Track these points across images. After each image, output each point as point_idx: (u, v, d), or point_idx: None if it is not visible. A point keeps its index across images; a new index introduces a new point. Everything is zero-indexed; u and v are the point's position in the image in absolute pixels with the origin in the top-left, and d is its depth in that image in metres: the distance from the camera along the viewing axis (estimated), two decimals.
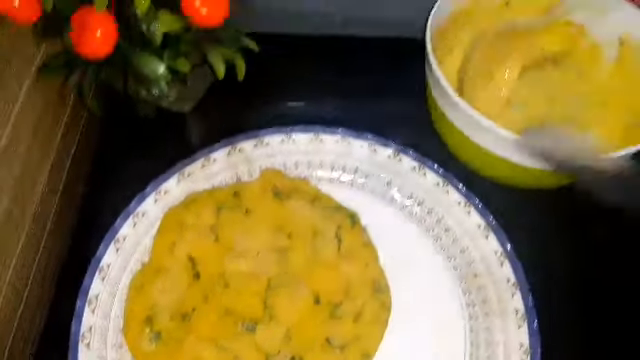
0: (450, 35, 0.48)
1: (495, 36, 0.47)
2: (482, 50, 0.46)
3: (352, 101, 0.52)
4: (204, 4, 0.35)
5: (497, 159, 0.42)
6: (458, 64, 0.48)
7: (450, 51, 0.48)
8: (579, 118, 0.47)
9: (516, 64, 0.46)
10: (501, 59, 0.46)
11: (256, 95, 0.49)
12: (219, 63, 0.35)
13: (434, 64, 0.41)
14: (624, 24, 0.47)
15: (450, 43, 0.48)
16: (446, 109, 0.43)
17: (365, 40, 0.54)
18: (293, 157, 0.49)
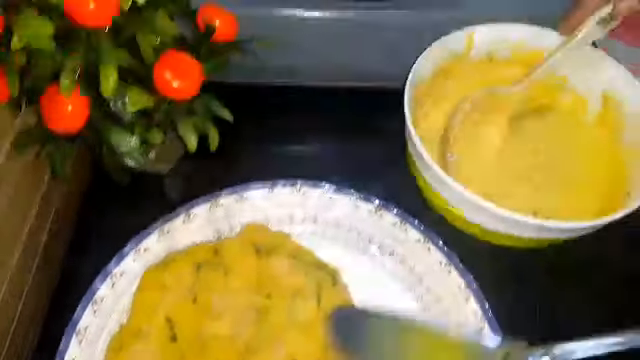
0: (433, 92, 0.48)
1: (479, 94, 0.47)
2: (465, 109, 0.46)
3: (335, 153, 0.52)
4: (177, 78, 0.35)
5: (471, 224, 0.42)
6: (441, 122, 0.48)
7: (433, 108, 0.48)
8: (564, 172, 0.46)
9: (501, 122, 0.46)
10: (485, 118, 0.46)
11: (238, 149, 0.49)
12: (190, 135, 0.35)
13: (411, 129, 0.41)
14: (607, 79, 0.46)
15: (432, 100, 0.48)
16: (422, 170, 0.43)
17: (349, 90, 0.54)
18: (275, 211, 0.48)
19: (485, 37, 0.48)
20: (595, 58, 0.46)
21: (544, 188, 0.45)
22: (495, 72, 0.50)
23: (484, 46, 0.49)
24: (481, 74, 0.50)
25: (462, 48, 0.49)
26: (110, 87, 0.30)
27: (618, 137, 0.46)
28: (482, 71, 0.50)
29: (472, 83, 0.49)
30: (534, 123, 0.49)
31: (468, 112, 0.45)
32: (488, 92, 0.46)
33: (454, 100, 0.49)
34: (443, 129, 0.47)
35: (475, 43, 0.49)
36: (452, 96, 0.49)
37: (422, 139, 0.41)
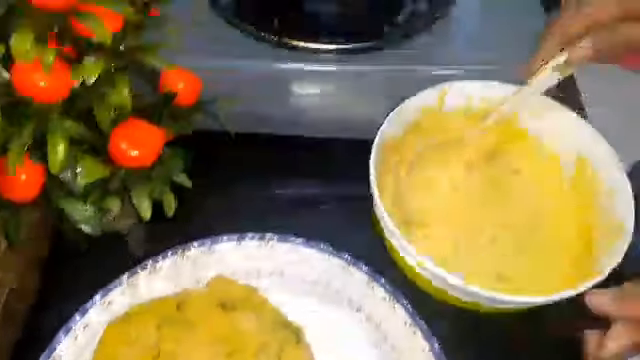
0: (405, 147, 0.48)
1: (428, 143, 0.46)
2: (422, 159, 0.46)
3: (306, 206, 0.51)
4: (134, 147, 0.35)
5: (437, 289, 0.41)
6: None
7: (399, 164, 0.48)
8: (531, 234, 0.46)
9: (458, 176, 0.46)
10: (439, 170, 0.46)
11: (206, 201, 0.49)
12: (143, 203, 0.35)
13: (375, 193, 0.41)
14: (582, 143, 0.46)
15: (401, 157, 0.47)
16: (387, 234, 0.42)
17: (325, 141, 0.54)
18: (243, 264, 0.48)
19: (458, 93, 0.48)
20: (570, 119, 0.46)
21: (510, 251, 0.44)
22: (469, 126, 0.50)
23: (457, 101, 0.49)
24: (455, 128, 0.49)
25: (435, 103, 0.48)
26: (58, 162, 0.30)
27: (589, 202, 0.45)
28: (456, 125, 0.49)
29: (445, 137, 0.49)
30: (501, 180, 0.48)
31: (414, 163, 0.45)
32: (439, 142, 0.46)
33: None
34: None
35: (447, 98, 0.48)
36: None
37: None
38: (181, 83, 0.40)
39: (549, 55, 0.42)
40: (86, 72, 0.30)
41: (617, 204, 0.42)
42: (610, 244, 0.41)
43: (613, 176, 0.44)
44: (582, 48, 0.40)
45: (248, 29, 0.52)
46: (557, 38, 0.42)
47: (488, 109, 0.48)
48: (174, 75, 0.39)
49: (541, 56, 0.43)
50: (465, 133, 0.46)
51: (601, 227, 0.43)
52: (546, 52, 0.43)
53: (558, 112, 0.47)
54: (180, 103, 0.40)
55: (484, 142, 0.47)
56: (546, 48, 0.43)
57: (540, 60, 0.43)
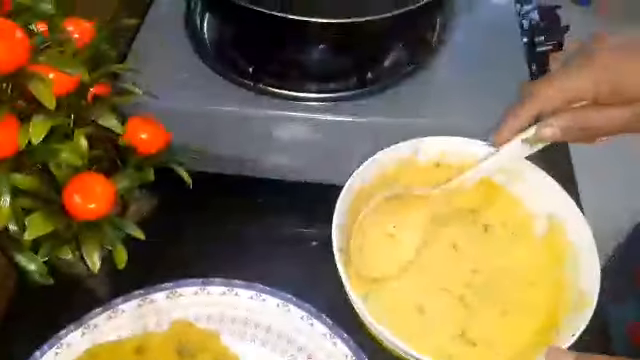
0: (373, 199, 0.47)
1: (389, 194, 0.46)
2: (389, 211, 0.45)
3: (275, 254, 0.51)
4: (87, 201, 0.35)
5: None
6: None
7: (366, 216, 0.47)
8: (500, 292, 0.45)
9: (420, 229, 0.45)
10: (405, 220, 0.45)
11: (170, 244, 0.49)
12: (93, 257, 0.35)
13: (336, 254, 0.40)
14: (553, 203, 0.45)
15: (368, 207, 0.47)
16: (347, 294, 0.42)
17: (293, 185, 0.54)
18: (206, 310, 0.48)
19: (431, 146, 0.48)
20: (544, 181, 0.45)
21: (476, 307, 0.43)
22: (442, 176, 0.49)
23: (430, 154, 0.48)
24: (427, 178, 0.49)
25: (408, 156, 0.48)
26: (3, 219, 0.31)
27: (560, 263, 0.44)
28: (428, 176, 0.49)
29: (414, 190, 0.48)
30: (471, 236, 0.48)
31: (381, 215, 0.44)
32: (401, 193, 0.45)
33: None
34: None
35: (421, 151, 0.48)
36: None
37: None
38: (144, 133, 0.40)
39: (516, 129, 0.42)
40: (34, 131, 0.30)
41: (584, 272, 0.41)
42: (575, 311, 0.40)
43: (583, 242, 0.43)
44: (550, 127, 0.40)
45: (228, 74, 0.52)
46: (528, 112, 0.41)
47: (462, 165, 0.47)
48: (137, 124, 0.40)
49: (509, 128, 0.42)
50: (434, 188, 0.46)
51: (568, 293, 0.42)
52: (514, 125, 0.42)
53: (532, 172, 0.46)
54: (143, 152, 0.40)
55: (455, 198, 0.47)
56: (515, 121, 0.42)
57: (508, 132, 0.42)
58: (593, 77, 0.39)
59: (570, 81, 0.40)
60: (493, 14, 0.59)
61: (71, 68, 0.31)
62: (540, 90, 0.41)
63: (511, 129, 0.42)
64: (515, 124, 0.42)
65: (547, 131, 0.40)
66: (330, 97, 0.51)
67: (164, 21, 0.58)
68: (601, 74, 0.39)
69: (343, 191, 0.44)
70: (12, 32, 0.29)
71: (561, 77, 0.40)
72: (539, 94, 0.41)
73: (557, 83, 0.40)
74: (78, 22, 0.37)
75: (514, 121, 0.42)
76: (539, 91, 0.41)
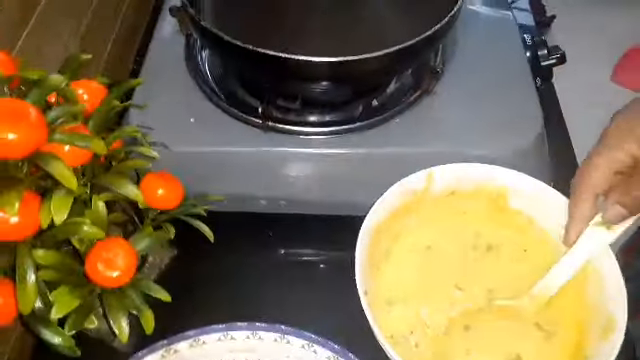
0: (393, 229, 0.47)
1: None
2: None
3: (293, 295, 0.51)
4: (110, 268, 0.34)
5: None
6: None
7: (394, 245, 0.47)
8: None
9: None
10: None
11: (190, 291, 0.49)
12: (121, 325, 0.34)
13: (360, 292, 0.40)
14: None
15: (392, 237, 0.47)
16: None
17: (307, 218, 0.53)
18: (230, 356, 0.47)
19: (445, 175, 0.47)
20: (557, 198, 0.45)
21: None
22: (458, 205, 0.49)
23: (445, 182, 0.48)
24: (443, 207, 0.48)
25: (422, 186, 0.47)
26: (28, 302, 0.30)
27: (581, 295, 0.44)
28: (444, 204, 0.48)
29: (434, 217, 0.48)
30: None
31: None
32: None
33: (417, 235, 0.48)
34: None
35: (435, 180, 0.47)
36: (415, 231, 0.48)
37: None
38: (161, 189, 0.39)
39: (581, 223, 0.41)
40: (55, 210, 0.29)
41: (609, 296, 0.41)
42: (602, 339, 0.40)
43: (607, 267, 0.42)
44: (610, 207, 0.39)
45: (235, 113, 0.51)
46: (586, 196, 0.40)
47: (478, 191, 0.47)
48: (153, 181, 0.39)
49: (577, 223, 0.41)
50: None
51: (593, 322, 0.42)
52: (578, 221, 0.41)
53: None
54: (161, 208, 0.40)
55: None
56: (576, 217, 0.41)
57: (577, 228, 0.41)
58: (626, 143, 0.39)
59: (607, 156, 0.39)
60: (495, 31, 0.59)
61: (87, 142, 0.30)
62: (583, 177, 0.40)
63: (577, 228, 0.41)
64: (578, 219, 0.41)
65: (610, 212, 0.39)
66: (338, 130, 0.51)
67: (164, 58, 0.57)
68: (627, 136, 0.39)
69: (360, 234, 0.43)
70: (27, 114, 0.28)
71: (598, 155, 0.40)
72: (583, 181, 0.40)
73: (595, 162, 0.40)
74: (87, 84, 0.37)
75: (576, 217, 0.41)
76: (583, 179, 0.40)
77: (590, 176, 0.40)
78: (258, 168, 0.51)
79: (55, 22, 0.51)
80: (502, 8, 0.63)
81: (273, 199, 0.53)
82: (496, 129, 0.51)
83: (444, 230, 0.49)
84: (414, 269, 0.47)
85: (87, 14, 0.56)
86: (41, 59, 0.48)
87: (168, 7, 0.54)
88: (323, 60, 0.45)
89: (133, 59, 0.68)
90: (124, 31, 0.66)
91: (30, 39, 0.46)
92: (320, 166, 0.51)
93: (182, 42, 0.58)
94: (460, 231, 0.49)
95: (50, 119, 0.30)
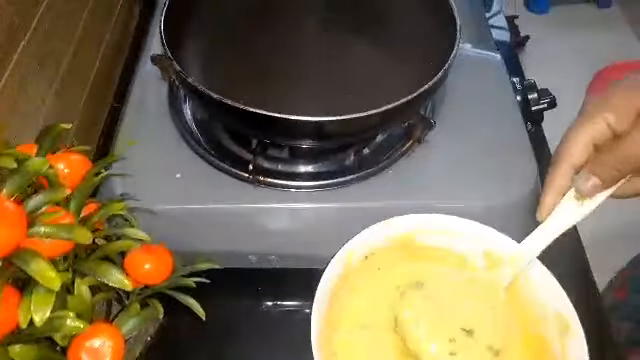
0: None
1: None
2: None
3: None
4: (97, 358, 0.32)
5: None
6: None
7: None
8: None
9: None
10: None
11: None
12: None
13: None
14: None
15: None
16: None
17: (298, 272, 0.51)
18: None
19: (405, 224, 0.45)
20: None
21: None
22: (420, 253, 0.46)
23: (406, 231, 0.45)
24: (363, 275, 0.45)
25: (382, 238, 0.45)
26: None
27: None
28: (362, 271, 0.45)
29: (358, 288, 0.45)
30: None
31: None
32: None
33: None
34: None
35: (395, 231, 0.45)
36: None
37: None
38: (147, 264, 0.37)
39: (558, 186, 0.40)
40: (36, 309, 0.27)
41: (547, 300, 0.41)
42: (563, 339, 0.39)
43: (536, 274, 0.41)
44: (586, 179, 0.38)
45: (221, 166, 0.49)
46: (560, 175, 0.39)
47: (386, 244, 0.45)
48: (140, 256, 0.37)
49: (550, 196, 0.40)
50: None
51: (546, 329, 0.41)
52: (554, 184, 0.40)
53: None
54: (148, 283, 0.37)
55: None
56: (554, 179, 0.40)
57: (551, 200, 0.40)
58: (602, 112, 0.38)
59: (583, 126, 0.38)
60: (483, 74, 0.59)
61: (70, 234, 0.28)
62: (561, 149, 0.39)
63: (553, 194, 0.40)
64: (552, 191, 0.40)
65: (585, 184, 0.38)
66: (331, 183, 0.49)
67: (146, 106, 0.55)
68: (603, 105, 0.38)
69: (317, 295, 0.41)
70: (4, 211, 0.26)
71: (575, 127, 0.39)
72: (561, 152, 0.39)
73: (572, 133, 0.39)
74: (67, 157, 0.34)
75: (549, 188, 0.40)
76: (561, 150, 0.39)
77: (568, 146, 0.39)
78: (248, 224, 0.49)
79: (31, 74, 0.48)
80: (488, 49, 0.62)
81: (263, 255, 0.51)
82: (490, 181, 0.50)
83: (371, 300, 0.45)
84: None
85: (63, 63, 0.54)
86: (17, 115, 0.45)
87: (149, 55, 0.52)
88: (312, 120, 0.43)
89: (110, 105, 0.66)
90: (100, 77, 0.63)
91: (5, 93, 0.44)
92: (313, 220, 0.50)
93: (164, 88, 0.56)
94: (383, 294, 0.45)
95: (30, 209, 0.28)
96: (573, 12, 1.97)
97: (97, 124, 0.63)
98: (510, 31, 0.91)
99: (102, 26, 0.65)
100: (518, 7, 2.00)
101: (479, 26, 0.64)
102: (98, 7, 0.62)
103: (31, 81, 0.48)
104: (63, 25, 0.54)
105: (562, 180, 0.39)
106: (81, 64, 0.59)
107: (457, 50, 0.48)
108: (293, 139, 0.47)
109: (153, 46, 0.61)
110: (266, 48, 0.55)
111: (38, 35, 0.48)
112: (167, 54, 0.46)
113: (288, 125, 0.43)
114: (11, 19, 0.45)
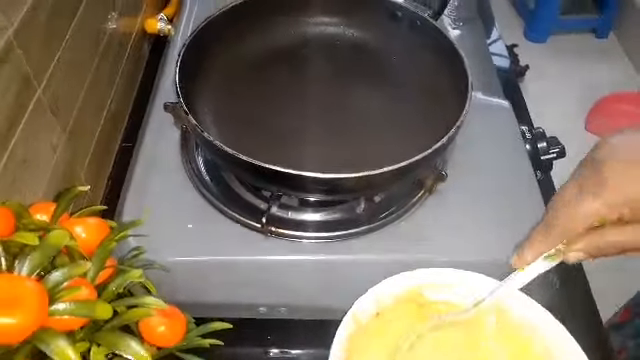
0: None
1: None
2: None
3: None
4: None
5: None
6: None
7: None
8: None
9: None
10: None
11: None
12: None
13: None
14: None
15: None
16: None
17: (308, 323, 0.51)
18: None
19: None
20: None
21: None
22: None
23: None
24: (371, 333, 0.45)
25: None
26: None
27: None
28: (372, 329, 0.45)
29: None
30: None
31: None
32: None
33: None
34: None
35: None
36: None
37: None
38: (162, 327, 0.36)
39: (543, 251, 0.42)
40: None
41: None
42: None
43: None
44: (575, 252, 0.40)
45: (235, 217, 0.49)
46: (554, 236, 0.41)
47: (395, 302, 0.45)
48: (154, 319, 0.36)
49: (535, 250, 0.42)
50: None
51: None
52: (541, 248, 0.42)
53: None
54: (161, 346, 0.37)
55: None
56: (542, 244, 0.42)
57: (531, 257, 0.42)
58: (610, 202, 0.38)
59: (586, 209, 0.39)
60: (493, 122, 0.59)
61: (91, 311, 0.27)
62: (560, 221, 0.40)
63: (535, 254, 0.42)
64: (539, 250, 0.42)
65: (572, 256, 0.40)
66: (342, 235, 0.49)
67: (158, 153, 0.55)
68: (617, 197, 0.38)
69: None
70: (26, 294, 0.25)
71: (578, 206, 0.39)
72: (559, 225, 0.40)
73: (574, 213, 0.39)
74: (84, 221, 0.34)
75: (537, 246, 0.42)
76: (559, 222, 0.40)
77: (572, 224, 0.40)
78: (259, 276, 0.49)
79: (44, 123, 0.48)
80: (496, 95, 0.63)
81: (273, 306, 0.50)
82: (502, 235, 0.49)
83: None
84: None
85: (74, 109, 0.54)
86: (29, 166, 0.45)
87: (162, 102, 0.52)
88: (327, 177, 0.43)
89: (119, 145, 0.66)
90: (111, 119, 0.63)
91: (19, 145, 0.43)
92: (324, 272, 0.49)
93: (175, 134, 0.56)
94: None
95: (50, 285, 0.28)
96: (571, 42, 2.00)
97: (106, 166, 0.63)
98: (510, 58, 0.92)
99: (114, 66, 0.65)
100: (517, 36, 2.03)
101: (487, 74, 0.64)
102: (110, 50, 0.63)
103: (44, 130, 0.48)
104: (75, 72, 0.54)
105: (551, 247, 0.41)
106: (92, 108, 0.59)
107: (469, 106, 0.48)
108: (307, 193, 0.47)
109: (164, 91, 0.61)
110: (280, 100, 0.55)
111: (52, 84, 0.48)
112: (183, 107, 0.46)
113: (303, 181, 0.44)
114: (26, 70, 0.45)
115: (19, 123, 0.44)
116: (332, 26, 0.62)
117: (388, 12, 0.58)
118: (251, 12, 0.58)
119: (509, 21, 2.09)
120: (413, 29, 0.57)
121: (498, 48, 0.89)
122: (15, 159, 0.43)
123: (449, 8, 0.66)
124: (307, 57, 0.59)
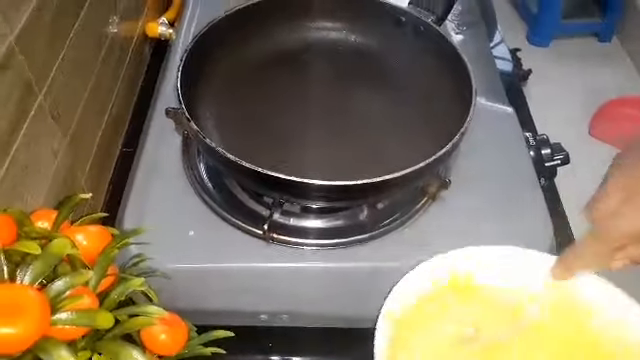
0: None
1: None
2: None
3: None
4: None
5: None
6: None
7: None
8: None
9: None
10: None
11: None
12: None
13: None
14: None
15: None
16: None
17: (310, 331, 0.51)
18: None
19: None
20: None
21: None
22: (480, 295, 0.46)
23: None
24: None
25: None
26: None
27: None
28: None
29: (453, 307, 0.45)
30: None
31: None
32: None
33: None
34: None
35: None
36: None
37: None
38: (163, 335, 0.36)
39: (590, 263, 0.43)
40: None
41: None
42: None
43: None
44: (620, 260, 0.41)
45: (236, 223, 0.49)
46: (605, 251, 0.41)
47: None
48: (156, 327, 0.36)
49: (583, 263, 0.43)
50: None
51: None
52: (588, 260, 0.42)
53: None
54: (162, 354, 0.37)
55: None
56: (592, 257, 0.42)
57: (581, 265, 0.43)
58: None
59: (630, 225, 0.39)
60: (497, 128, 0.59)
61: (93, 320, 0.27)
62: (612, 235, 0.40)
63: (581, 266, 0.43)
64: (580, 264, 0.43)
65: (617, 264, 0.41)
66: (345, 242, 0.49)
67: (159, 159, 0.54)
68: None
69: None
70: (28, 303, 0.25)
71: (632, 218, 0.39)
72: (610, 239, 0.40)
73: (626, 226, 0.39)
74: (85, 229, 0.34)
75: (585, 259, 0.42)
76: (610, 236, 0.40)
77: (629, 236, 0.39)
78: (260, 283, 0.49)
79: (45, 129, 0.48)
80: (500, 102, 0.62)
81: (275, 313, 0.50)
82: (505, 241, 0.49)
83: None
84: None
85: (75, 115, 0.53)
86: (30, 172, 0.45)
87: (163, 108, 0.52)
88: (330, 184, 0.43)
89: (119, 150, 0.66)
90: (111, 123, 0.63)
91: (20, 150, 0.43)
92: (326, 280, 0.49)
93: (177, 140, 0.55)
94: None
95: (52, 295, 0.27)
96: (574, 46, 1.99)
97: (107, 171, 0.63)
98: (513, 62, 0.92)
99: (115, 70, 0.65)
100: (520, 40, 2.02)
101: (490, 79, 0.64)
102: (111, 54, 0.63)
103: (45, 135, 0.48)
104: (76, 76, 0.54)
105: (602, 261, 0.41)
106: (93, 113, 0.58)
107: (473, 113, 0.48)
108: (309, 200, 0.47)
109: (165, 96, 0.61)
110: (282, 105, 0.55)
111: (53, 89, 0.48)
112: (185, 114, 0.46)
113: (306, 188, 0.43)
114: (28, 76, 0.45)
115: (20, 129, 0.44)
116: (335, 31, 0.61)
117: (391, 17, 0.58)
118: (254, 17, 0.58)
119: (512, 25, 2.08)
120: (416, 35, 0.57)
121: (501, 52, 0.89)
122: (17, 165, 0.43)
123: (453, 13, 0.66)
124: (310, 62, 0.59)
